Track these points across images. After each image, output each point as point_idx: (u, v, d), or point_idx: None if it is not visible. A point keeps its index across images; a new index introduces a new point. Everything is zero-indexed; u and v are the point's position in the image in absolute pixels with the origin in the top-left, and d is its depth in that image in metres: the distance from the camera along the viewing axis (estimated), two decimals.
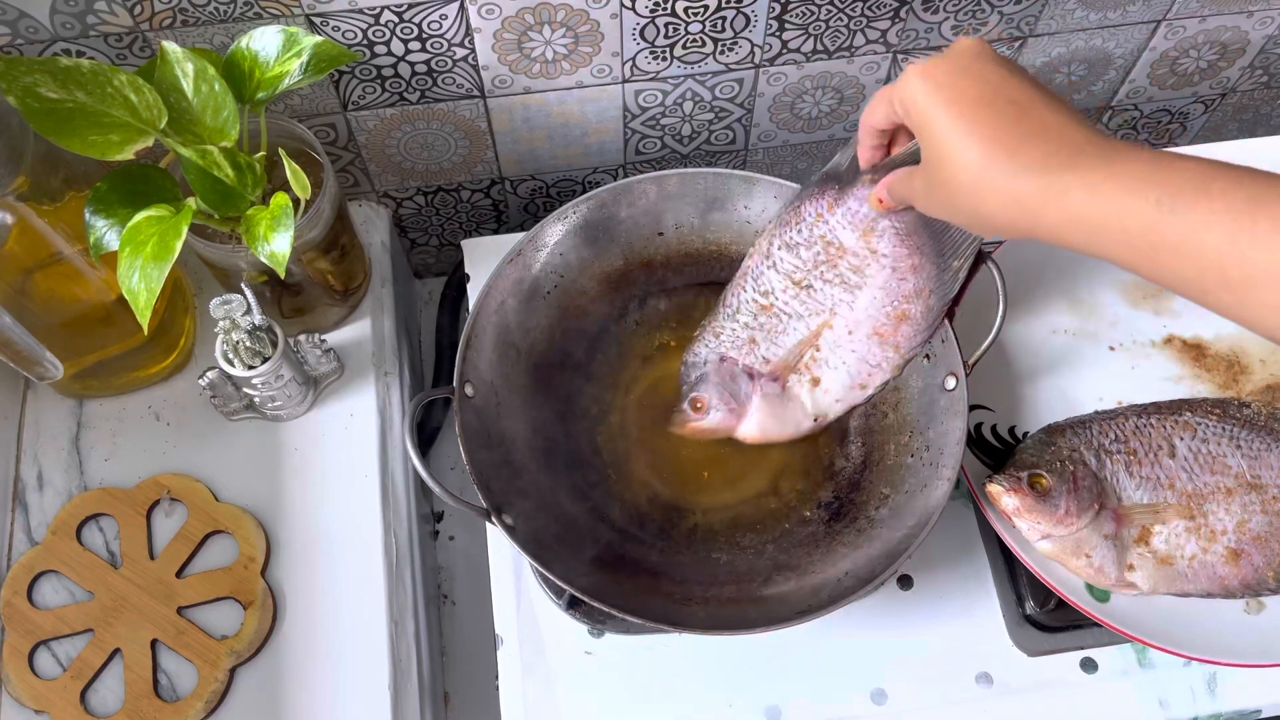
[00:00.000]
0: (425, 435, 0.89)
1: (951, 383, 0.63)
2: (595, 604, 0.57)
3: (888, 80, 0.81)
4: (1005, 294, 0.63)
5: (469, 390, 0.63)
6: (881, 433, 0.67)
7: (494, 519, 0.59)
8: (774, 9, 0.71)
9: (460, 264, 0.81)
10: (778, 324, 0.65)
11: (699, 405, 0.65)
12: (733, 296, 0.67)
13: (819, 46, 0.76)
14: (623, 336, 0.72)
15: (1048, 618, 0.66)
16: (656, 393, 0.71)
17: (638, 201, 0.71)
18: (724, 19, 0.71)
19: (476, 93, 0.75)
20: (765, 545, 0.66)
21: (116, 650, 0.64)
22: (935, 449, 0.63)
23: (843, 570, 0.61)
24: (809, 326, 0.65)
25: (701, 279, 0.73)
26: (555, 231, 0.69)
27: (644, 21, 0.70)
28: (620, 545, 0.65)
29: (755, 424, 0.64)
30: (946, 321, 0.64)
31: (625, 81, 0.76)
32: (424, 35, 0.69)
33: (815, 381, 0.65)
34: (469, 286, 0.77)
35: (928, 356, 0.66)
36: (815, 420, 0.65)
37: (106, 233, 0.58)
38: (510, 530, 0.59)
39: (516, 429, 0.67)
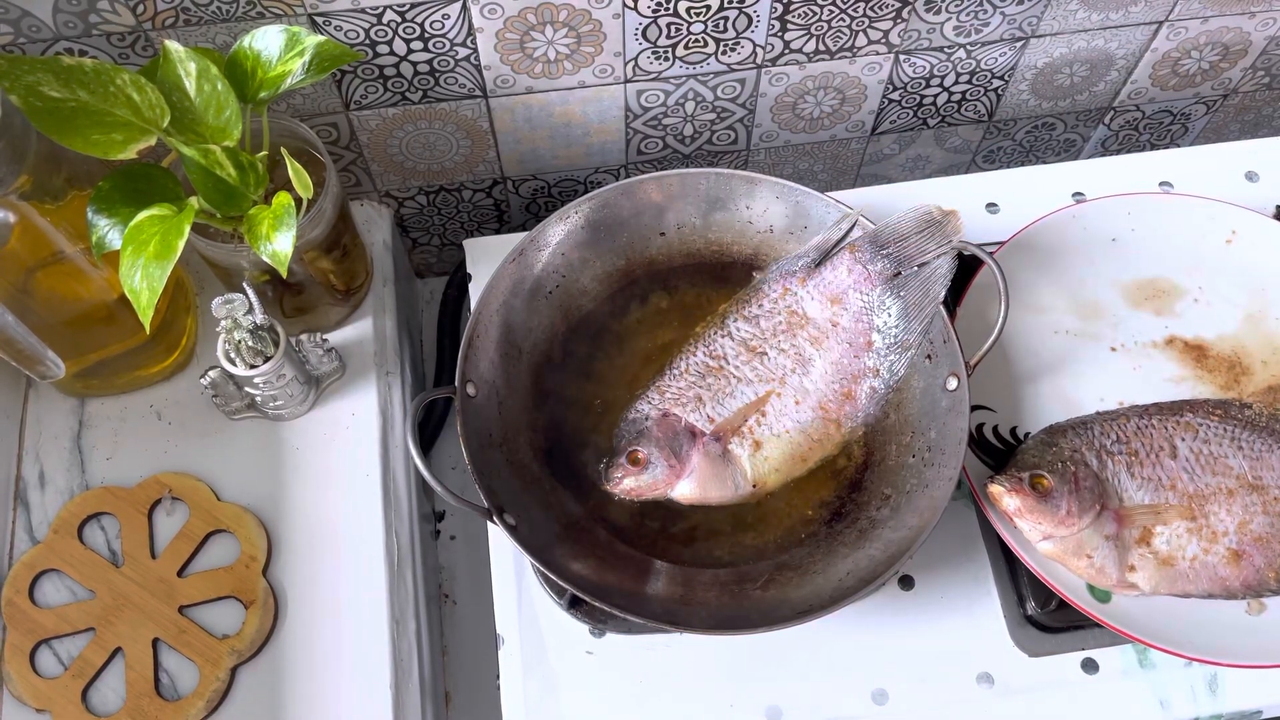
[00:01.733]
0: (426, 434, 0.89)
1: (953, 383, 0.63)
2: (596, 603, 0.57)
3: (889, 81, 0.81)
4: (1006, 294, 0.63)
5: (471, 390, 0.63)
6: (883, 433, 0.67)
7: (495, 519, 0.59)
8: (776, 9, 0.71)
9: (462, 264, 0.81)
10: (726, 385, 0.66)
11: (637, 459, 0.63)
12: (681, 360, 0.67)
13: (821, 47, 0.76)
14: (624, 336, 0.72)
15: (1049, 618, 0.66)
16: None
17: (640, 201, 0.71)
18: (726, 19, 0.71)
19: (479, 92, 0.75)
20: (766, 545, 0.66)
21: (118, 649, 0.64)
22: (937, 449, 0.63)
23: (844, 570, 0.61)
24: (757, 392, 0.66)
25: (703, 279, 0.73)
26: (557, 231, 0.69)
27: (646, 21, 0.70)
28: (622, 545, 0.65)
29: (694, 483, 0.64)
30: (948, 322, 0.64)
31: (627, 81, 0.76)
32: (426, 35, 0.69)
33: (757, 445, 0.65)
34: (470, 286, 0.77)
35: (929, 357, 0.66)
36: (755, 486, 0.65)
37: (109, 232, 0.58)
38: (512, 530, 0.59)
39: (518, 428, 0.67)
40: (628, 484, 0.64)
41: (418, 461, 0.57)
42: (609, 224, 0.71)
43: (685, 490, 0.64)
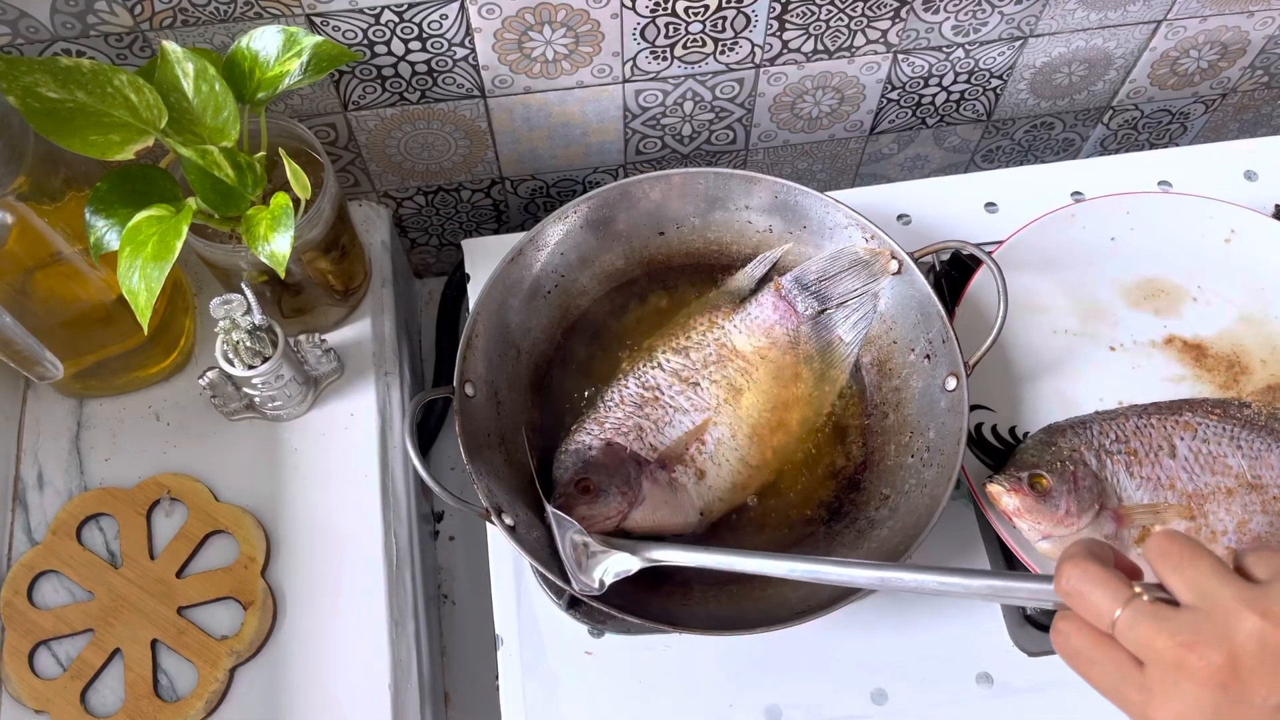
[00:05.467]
0: (425, 434, 0.88)
1: (952, 383, 0.63)
2: (595, 604, 0.57)
3: (888, 80, 0.81)
4: (1005, 294, 0.63)
5: (469, 390, 0.63)
6: (882, 433, 0.67)
7: (494, 519, 0.59)
8: (774, 9, 0.71)
9: (460, 264, 0.81)
10: (665, 415, 0.66)
11: (589, 488, 0.61)
12: (613, 392, 0.67)
13: (819, 47, 0.76)
14: (624, 335, 0.72)
15: (1048, 618, 0.66)
16: None
17: (639, 201, 0.71)
18: (724, 19, 0.71)
19: (477, 92, 0.75)
20: (764, 545, 0.66)
21: (116, 650, 0.64)
22: (935, 450, 0.63)
23: None
24: (694, 421, 0.66)
25: (703, 278, 0.73)
26: (556, 231, 0.69)
27: (644, 21, 0.70)
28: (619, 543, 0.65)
29: (647, 510, 0.62)
30: (947, 322, 0.64)
31: (626, 81, 0.76)
32: (424, 35, 0.69)
33: (700, 474, 0.65)
34: (469, 286, 0.77)
35: (928, 357, 0.66)
36: (702, 515, 0.65)
37: (107, 233, 0.57)
38: (510, 530, 0.59)
39: (517, 428, 0.67)
40: (580, 513, 0.61)
41: (416, 463, 0.57)
42: (608, 223, 0.71)
43: (638, 519, 0.62)
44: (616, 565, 0.58)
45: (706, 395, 0.66)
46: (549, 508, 0.60)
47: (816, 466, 0.68)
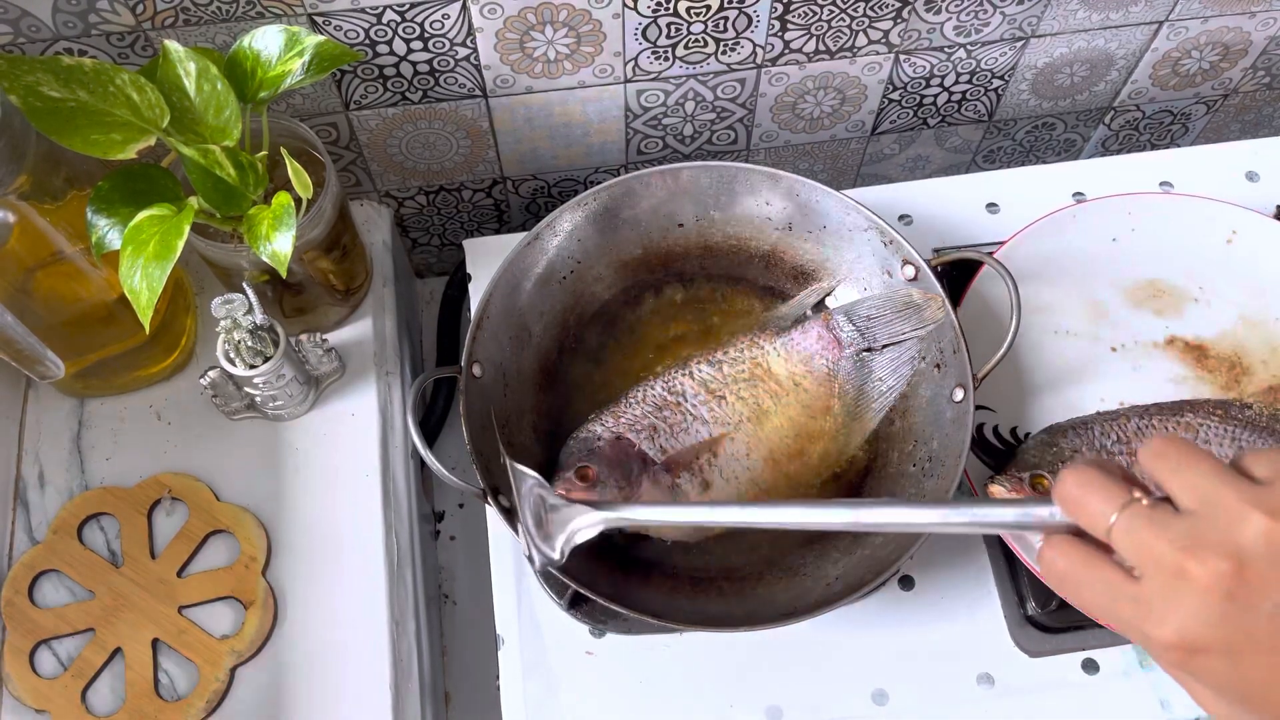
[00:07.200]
0: (426, 433, 0.88)
1: (959, 394, 0.63)
2: (579, 589, 0.57)
3: (889, 81, 0.81)
4: (1018, 309, 0.63)
5: (477, 370, 0.63)
6: (886, 439, 0.67)
7: (490, 499, 0.59)
8: (776, 9, 0.71)
9: (462, 264, 0.81)
10: (682, 421, 0.65)
11: (586, 475, 0.62)
12: (638, 391, 0.67)
13: (821, 47, 0.76)
14: (636, 325, 0.72)
15: (1049, 618, 0.66)
16: None
17: (659, 192, 0.71)
18: (726, 19, 0.71)
19: (478, 92, 0.75)
20: (759, 542, 0.66)
21: (117, 649, 0.64)
22: (937, 460, 0.63)
23: (832, 575, 0.61)
24: (711, 433, 0.65)
25: (719, 272, 0.73)
26: (574, 217, 0.69)
27: (646, 21, 0.70)
28: (616, 532, 0.65)
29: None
30: (960, 332, 0.64)
31: (627, 81, 0.76)
32: (426, 35, 0.69)
33: (706, 485, 0.64)
34: (471, 286, 0.77)
35: (939, 366, 0.66)
36: (696, 527, 0.64)
37: (108, 232, 0.57)
38: (506, 512, 0.59)
39: (522, 411, 0.67)
40: (574, 499, 0.60)
41: (416, 439, 0.57)
42: (627, 212, 0.71)
43: None
44: (578, 524, 0.54)
45: (730, 410, 0.66)
46: (506, 460, 0.57)
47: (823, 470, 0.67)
